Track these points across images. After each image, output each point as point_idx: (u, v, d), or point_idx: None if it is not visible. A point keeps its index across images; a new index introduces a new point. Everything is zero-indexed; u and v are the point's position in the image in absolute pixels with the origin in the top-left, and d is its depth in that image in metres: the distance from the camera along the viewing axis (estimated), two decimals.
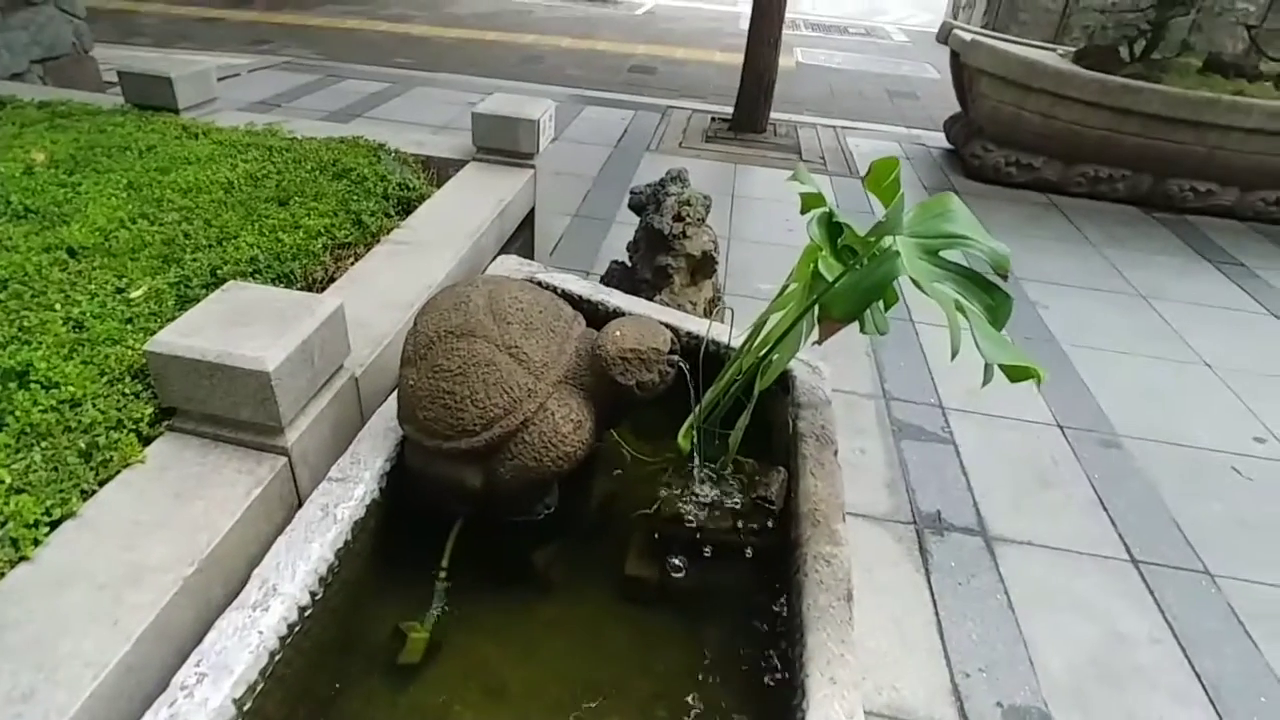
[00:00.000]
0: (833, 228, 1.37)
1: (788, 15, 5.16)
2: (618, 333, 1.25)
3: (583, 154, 4.66)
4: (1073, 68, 4.66)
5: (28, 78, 3.56)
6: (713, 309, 2.55)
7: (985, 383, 1.03)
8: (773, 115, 5.58)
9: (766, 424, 1.66)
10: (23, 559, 1.09)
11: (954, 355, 0.95)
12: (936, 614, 1.82)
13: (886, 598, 1.86)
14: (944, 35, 5.23)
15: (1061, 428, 2.57)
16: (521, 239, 2.65)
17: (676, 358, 1.29)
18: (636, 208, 2.59)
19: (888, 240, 1.08)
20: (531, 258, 2.85)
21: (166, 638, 1.08)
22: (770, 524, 1.42)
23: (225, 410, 1.29)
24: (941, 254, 1.10)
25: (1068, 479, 2.34)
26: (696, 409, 1.42)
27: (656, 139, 5.09)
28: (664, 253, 2.39)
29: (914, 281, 1.04)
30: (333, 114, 4.84)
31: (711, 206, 2.62)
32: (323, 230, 1.91)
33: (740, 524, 1.41)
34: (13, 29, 3.44)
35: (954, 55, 5.09)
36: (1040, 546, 2.06)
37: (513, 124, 2.52)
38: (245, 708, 1.03)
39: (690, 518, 1.42)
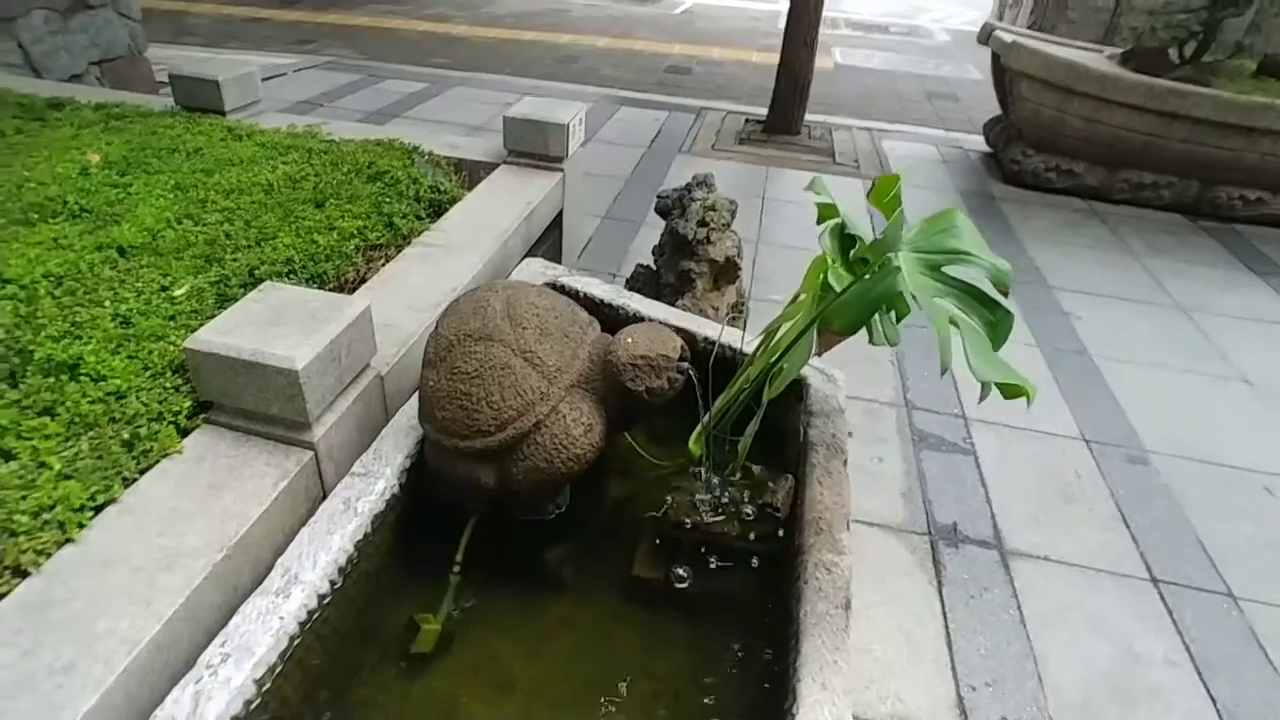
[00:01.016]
0: (845, 239, 1.39)
1: (829, 14, 5.12)
2: (629, 339, 1.29)
3: (615, 155, 4.70)
4: (1118, 70, 4.54)
5: (86, 79, 3.74)
6: (736, 314, 2.57)
7: (982, 399, 1.04)
8: (807, 117, 5.55)
9: (780, 430, 1.68)
10: (69, 541, 1.18)
11: (943, 371, 0.97)
12: (946, 626, 1.83)
13: (897, 608, 1.87)
14: (985, 36, 5.14)
15: (1087, 442, 2.54)
16: (549, 241, 2.70)
17: (686, 365, 1.32)
18: (663, 211, 2.62)
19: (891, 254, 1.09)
20: (559, 259, 2.91)
21: (195, 619, 1.16)
22: (777, 531, 1.45)
23: (257, 405, 1.36)
24: (944, 269, 1.11)
25: (1090, 494, 2.31)
26: (706, 416, 1.45)
27: (689, 140, 5.11)
28: (687, 257, 2.42)
29: (912, 296, 1.05)
30: (372, 114, 4.97)
31: (737, 211, 2.64)
32: (356, 232, 1.98)
33: (746, 530, 1.44)
34: (72, 32, 3.63)
35: (995, 57, 5.00)
36: (1057, 562, 2.04)
37: (542, 128, 2.58)
38: (265, 687, 1.10)
39: (696, 522, 1.46)
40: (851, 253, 1.20)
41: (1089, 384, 2.85)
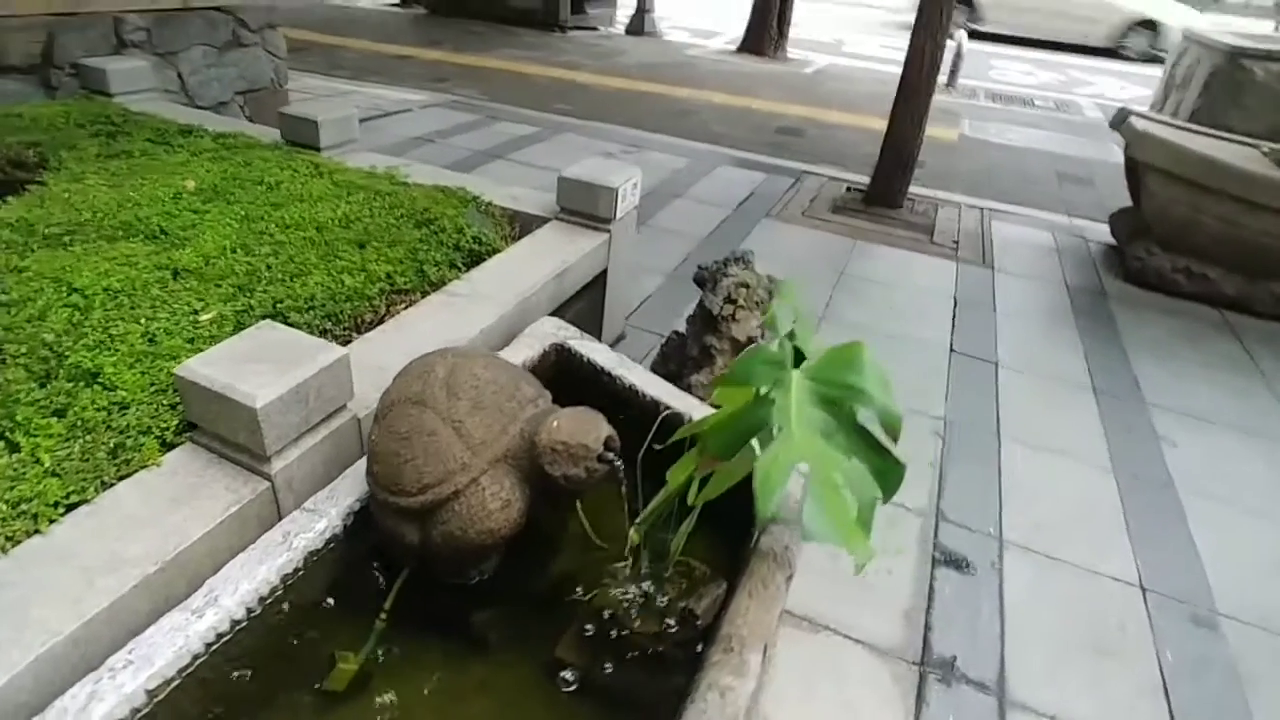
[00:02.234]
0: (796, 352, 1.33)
1: (967, 82, 4.94)
2: (555, 423, 1.29)
3: (698, 213, 4.74)
4: (1269, 171, 4.06)
5: (230, 107, 4.28)
6: None
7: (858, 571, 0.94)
8: (915, 190, 5.36)
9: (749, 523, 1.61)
10: (37, 532, 1.31)
11: (759, 522, 0.88)
12: None
13: None
14: (1118, 121, 4.76)
15: (1145, 590, 2.22)
16: (587, 300, 2.75)
17: (612, 456, 1.30)
18: (699, 282, 2.61)
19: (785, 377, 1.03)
20: (599, 318, 2.95)
21: (118, 623, 1.25)
22: (698, 640, 1.37)
23: (228, 433, 1.48)
24: (838, 404, 1.03)
25: (1131, 652, 2.01)
26: (647, 508, 1.41)
27: (780, 205, 5.07)
28: (711, 333, 2.39)
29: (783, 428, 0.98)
30: (479, 153, 5.32)
31: (777, 291, 2.58)
32: (385, 276, 2.12)
33: (664, 632, 1.39)
34: (225, 65, 4.19)
35: (1128, 144, 4.62)
36: None
37: (593, 189, 2.65)
38: (157, 699, 1.17)
39: (619, 614, 1.41)
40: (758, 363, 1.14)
41: (1165, 523, 2.51)
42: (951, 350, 3.44)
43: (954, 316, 3.77)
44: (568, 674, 1.33)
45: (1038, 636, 2.03)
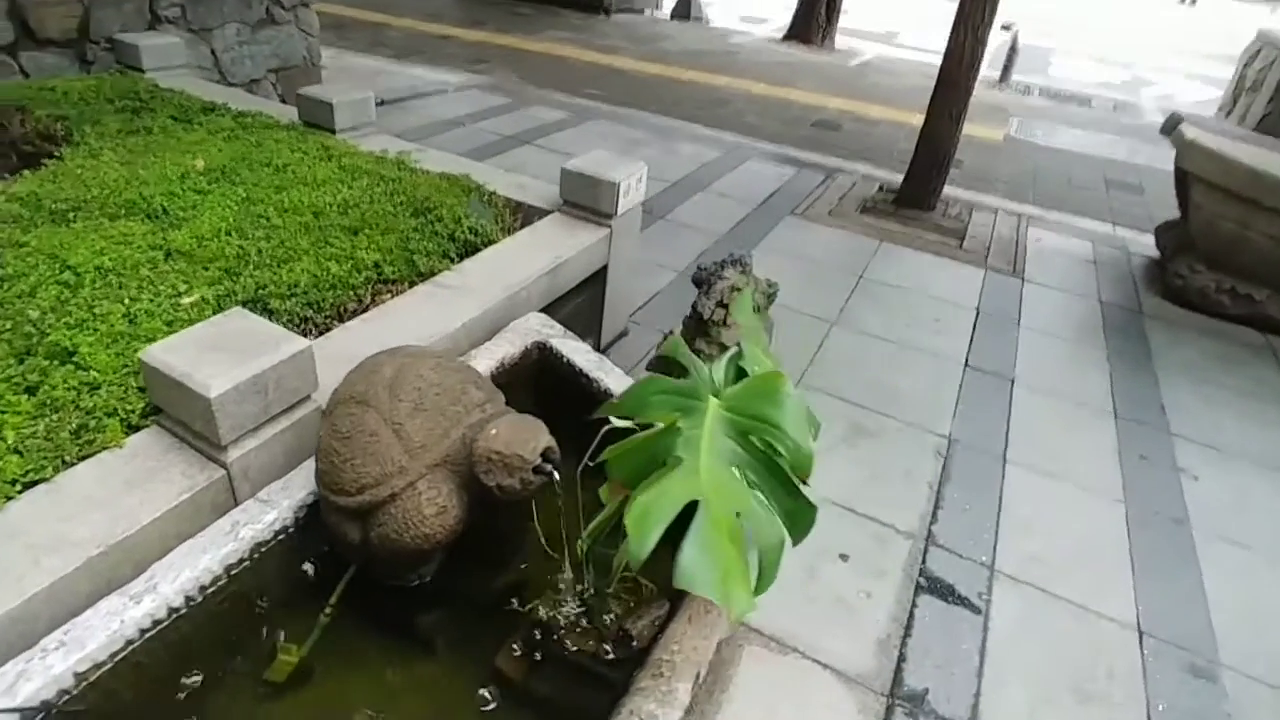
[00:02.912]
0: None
1: (1022, 78, 4.71)
2: (493, 430, 1.26)
3: (720, 208, 4.65)
4: None
5: (262, 85, 4.34)
6: None
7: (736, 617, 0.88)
8: (950, 192, 5.17)
9: None
10: None
11: (616, 572, 0.83)
12: None
13: None
14: (1169, 127, 4.50)
15: (1142, 633, 2.11)
16: (587, 295, 2.72)
17: (549, 468, 1.26)
18: (697, 283, 2.55)
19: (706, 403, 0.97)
20: (600, 314, 2.92)
21: (59, 602, 1.27)
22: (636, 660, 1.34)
23: (188, 419, 1.49)
24: (752, 437, 0.97)
25: (1119, 699, 1.92)
26: (590, 525, 1.38)
27: (807, 203, 4.94)
28: (701, 337, 2.33)
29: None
30: (506, 138, 5.30)
31: (777, 295, 2.50)
32: (372, 264, 2.11)
33: (603, 649, 1.36)
34: (258, 43, 4.24)
35: (1177, 152, 4.37)
36: None
37: (595, 183, 2.61)
38: (86, 681, 1.19)
39: (555, 629, 1.39)
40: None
41: (1173, 563, 2.38)
42: (967, 364, 3.31)
43: (974, 328, 3.62)
44: (488, 691, 1.31)
45: (1018, 676, 1.94)
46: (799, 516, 0.89)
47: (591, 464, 1.23)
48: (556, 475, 1.28)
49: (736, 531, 0.87)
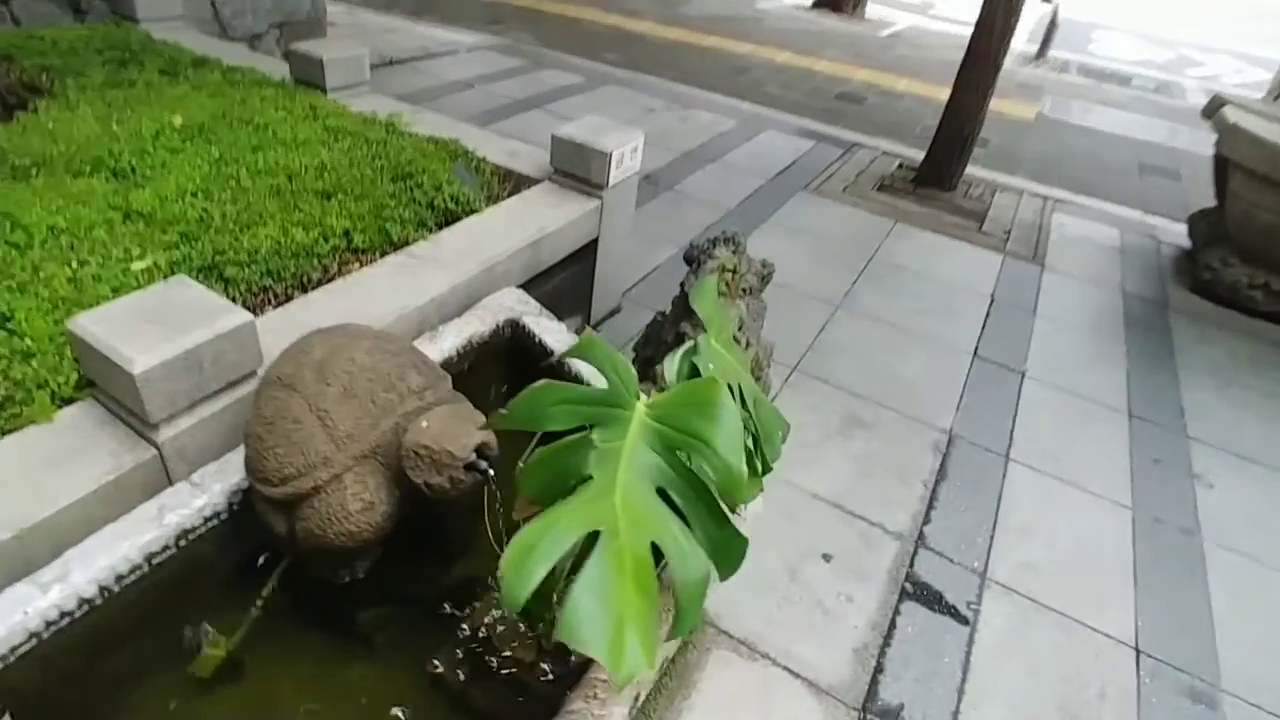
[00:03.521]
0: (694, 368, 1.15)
1: (1060, 54, 4.42)
2: (424, 423, 1.16)
3: (732, 181, 4.47)
4: None
5: (265, 39, 4.20)
6: None
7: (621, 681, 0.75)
8: (971, 171, 4.94)
9: None
10: None
11: (508, 605, 0.71)
12: None
13: None
14: (1211, 110, 4.23)
15: (1139, 652, 2.00)
16: (574, 270, 2.59)
17: (485, 465, 1.16)
18: (689, 260, 2.41)
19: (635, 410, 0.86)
20: (589, 289, 2.80)
21: None
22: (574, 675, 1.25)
23: (118, 394, 1.40)
24: (679, 452, 0.85)
25: None
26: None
27: (822, 178, 4.74)
28: (688, 318, 2.20)
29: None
30: (516, 102, 5.13)
31: (772, 277, 2.36)
32: (342, 232, 2.00)
33: (539, 661, 1.27)
34: None
35: (1218, 137, 4.11)
36: None
37: (586, 152, 2.47)
38: None
39: (493, 636, 1.31)
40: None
41: (1179, 576, 2.25)
42: (975, 354, 3.15)
43: (987, 316, 3.45)
44: (401, 712, 1.23)
45: (1003, 693, 1.84)
46: (727, 548, 0.78)
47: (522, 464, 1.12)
48: (491, 473, 1.17)
49: (644, 569, 0.76)
